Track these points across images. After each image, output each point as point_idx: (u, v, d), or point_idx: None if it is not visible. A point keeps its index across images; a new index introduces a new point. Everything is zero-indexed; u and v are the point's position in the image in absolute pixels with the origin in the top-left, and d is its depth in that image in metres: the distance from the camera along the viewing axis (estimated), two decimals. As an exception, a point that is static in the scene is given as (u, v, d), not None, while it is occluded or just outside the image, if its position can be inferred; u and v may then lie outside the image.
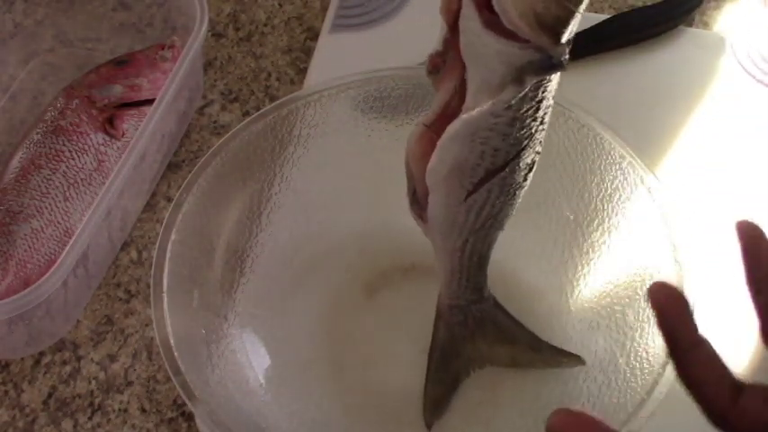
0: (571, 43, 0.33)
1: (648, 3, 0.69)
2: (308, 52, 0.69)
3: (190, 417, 0.52)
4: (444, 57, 0.37)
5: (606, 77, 0.64)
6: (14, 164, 0.58)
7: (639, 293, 0.46)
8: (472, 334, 0.48)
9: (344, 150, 0.53)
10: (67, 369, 0.55)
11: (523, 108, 0.35)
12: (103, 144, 0.59)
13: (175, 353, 0.42)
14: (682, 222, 0.46)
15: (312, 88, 0.52)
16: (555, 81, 0.36)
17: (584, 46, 0.64)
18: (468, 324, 0.47)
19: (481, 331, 0.48)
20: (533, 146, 0.38)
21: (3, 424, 0.52)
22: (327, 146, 0.53)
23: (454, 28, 0.35)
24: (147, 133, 0.55)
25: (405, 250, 0.53)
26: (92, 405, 0.53)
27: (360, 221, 0.55)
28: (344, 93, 0.52)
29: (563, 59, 0.33)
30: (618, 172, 0.49)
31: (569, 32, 0.32)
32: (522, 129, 0.36)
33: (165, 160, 0.63)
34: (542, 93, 0.35)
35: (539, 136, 0.37)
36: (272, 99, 0.66)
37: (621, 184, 0.49)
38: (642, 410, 0.41)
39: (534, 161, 0.39)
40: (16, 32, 0.68)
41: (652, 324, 0.44)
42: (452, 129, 0.36)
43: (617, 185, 0.49)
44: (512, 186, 0.39)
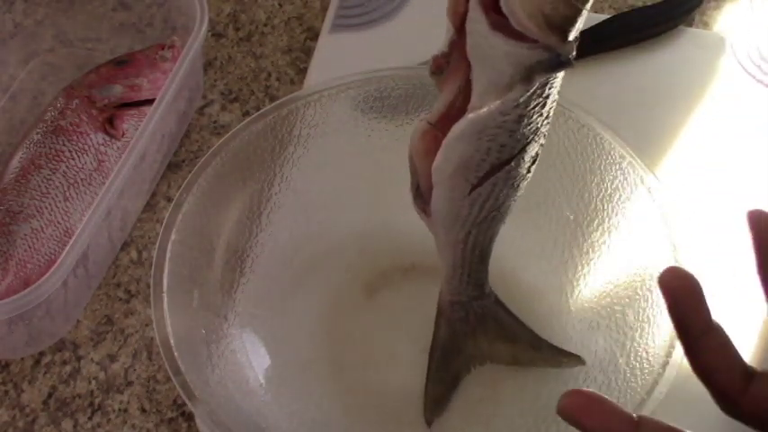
0: (578, 40, 0.33)
1: (648, 3, 0.69)
2: (308, 52, 0.69)
3: (190, 417, 0.52)
4: (448, 58, 0.37)
5: (606, 77, 0.64)
6: (14, 164, 0.58)
7: (639, 293, 0.46)
8: (473, 330, 0.48)
9: (344, 150, 0.53)
10: (67, 369, 0.55)
11: (531, 105, 0.35)
12: (103, 144, 0.59)
13: (175, 353, 0.42)
14: (682, 222, 0.46)
15: (312, 88, 0.52)
16: (560, 76, 0.36)
17: (584, 46, 0.64)
18: (470, 320, 0.47)
19: (482, 328, 0.48)
20: (538, 139, 0.38)
21: (3, 424, 0.52)
22: (327, 146, 0.53)
23: (461, 30, 0.35)
24: (147, 133, 0.55)
25: (405, 250, 0.53)
26: (92, 405, 0.53)
27: (360, 221, 0.54)
28: (344, 93, 0.52)
29: (571, 57, 0.33)
30: (618, 172, 0.49)
31: (577, 30, 0.33)
32: (530, 124, 0.36)
33: (165, 160, 0.63)
34: (549, 89, 0.36)
35: (544, 129, 0.38)
36: (272, 99, 0.66)
37: (621, 184, 0.49)
38: (642, 410, 0.40)
39: (538, 153, 0.39)
40: (16, 32, 0.68)
41: (652, 324, 0.44)
42: (459, 127, 0.36)
43: (617, 185, 0.49)
44: (516, 178, 0.39)
